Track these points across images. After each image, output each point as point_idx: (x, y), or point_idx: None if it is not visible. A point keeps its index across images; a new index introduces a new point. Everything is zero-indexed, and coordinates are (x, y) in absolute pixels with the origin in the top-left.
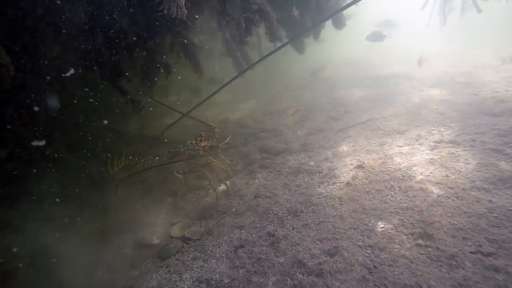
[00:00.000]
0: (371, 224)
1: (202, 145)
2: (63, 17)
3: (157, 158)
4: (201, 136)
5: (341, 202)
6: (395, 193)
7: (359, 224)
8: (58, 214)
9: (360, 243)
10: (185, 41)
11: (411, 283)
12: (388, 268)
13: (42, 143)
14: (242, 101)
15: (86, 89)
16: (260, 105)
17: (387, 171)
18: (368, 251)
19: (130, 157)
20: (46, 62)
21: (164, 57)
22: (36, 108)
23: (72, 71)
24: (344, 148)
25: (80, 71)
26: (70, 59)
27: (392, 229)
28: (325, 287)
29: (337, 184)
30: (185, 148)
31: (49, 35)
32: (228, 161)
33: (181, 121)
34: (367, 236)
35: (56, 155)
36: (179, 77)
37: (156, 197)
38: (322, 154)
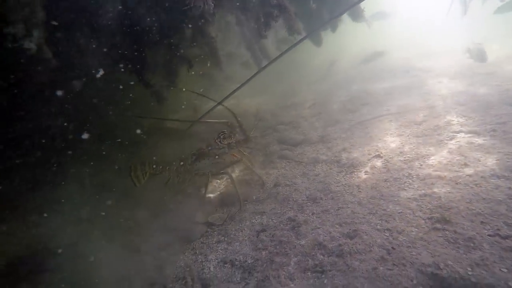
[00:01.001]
0: (389, 210)
1: (226, 142)
2: (95, 12)
3: (181, 163)
4: (224, 133)
5: (360, 190)
6: (412, 180)
7: (378, 210)
8: (93, 201)
9: (378, 226)
10: (206, 35)
11: (429, 263)
12: (406, 249)
13: (86, 136)
14: (258, 95)
15: (114, 84)
16: (277, 98)
17: (404, 160)
18: (386, 234)
19: (154, 166)
20: (82, 58)
21: (185, 51)
22: (72, 101)
23: (102, 72)
24: (362, 139)
25: (108, 66)
26: (99, 53)
27: (410, 214)
28: (345, 266)
29: (355, 173)
30: (209, 147)
31: (84, 31)
32: (250, 156)
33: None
34: (385, 221)
35: (89, 146)
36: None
37: (182, 188)
38: (340, 145)
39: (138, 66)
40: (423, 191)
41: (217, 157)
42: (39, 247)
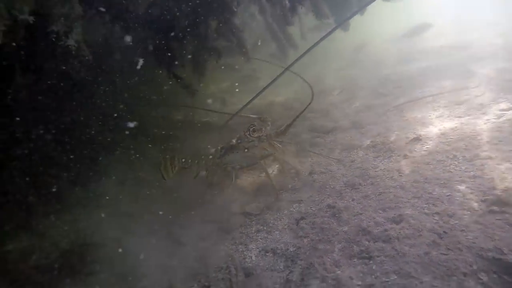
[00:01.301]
0: (435, 193)
1: (256, 135)
2: (128, 6)
3: (210, 157)
4: (254, 126)
5: (400, 174)
6: (459, 162)
7: (423, 193)
8: (133, 195)
9: (426, 210)
10: (231, 25)
11: (489, 247)
12: (460, 233)
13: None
14: (286, 84)
15: (144, 79)
16: (304, 86)
17: (447, 142)
18: (435, 218)
19: (183, 160)
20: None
21: (213, 42)
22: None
23: (142, 62)
24: (397, 122)
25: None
26: (132, 48)
27: (460, 197)
28: (394, 252)
29: (394, 157)
30: (239, 141)
31: (118, 26)
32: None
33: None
34: (433, 204)
35: (129, 141)
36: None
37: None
38: (374, 130)
39: (167, 59)
40: (472, 172)
41: (246, 150)
42: (86, 240)
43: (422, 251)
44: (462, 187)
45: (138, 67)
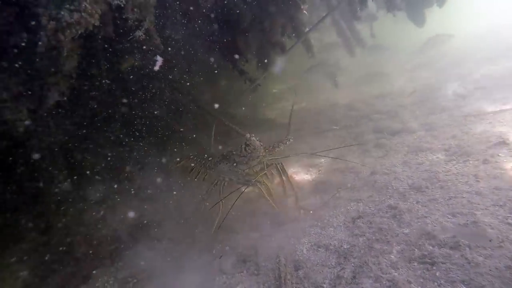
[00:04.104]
0: None
1: (249, 152)
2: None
3: (210, 158)
4: (251, 141)
5: (478, 179)
6: None
7: (506, 202)
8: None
9: (509, 220)
10: (297, 22)
11: None
12: None
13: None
14: (349, 86)
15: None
16: (371, 88)
17: None
18: None
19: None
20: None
21: (277, 37)
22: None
23: (160, 61)
24: (477, 125)
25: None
26: (196, 43)
27: None
28: (464, 260)
29: (471, 162)
30: (232, 153)
31: (179, 20)
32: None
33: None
34: None
35: (183, 133)
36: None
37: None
38: (448, 133)
39: (232, 53)
40: None
41: (235, 164)
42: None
43: (502, 264)
44: None
45: (156, 67)
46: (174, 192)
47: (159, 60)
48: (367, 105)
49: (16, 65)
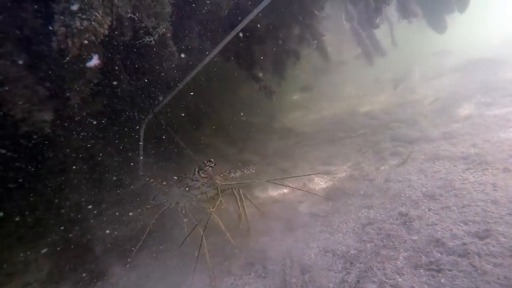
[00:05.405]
0: None
1: (202, 177)
2: (206, 9)
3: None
4: (205, 164)
5: (495, 188)
6: None
7: None
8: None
9: None
10: (313, 30)
11: None
12: None
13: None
14: (371, 95)
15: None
16: (392, 96)
17: None
18: None
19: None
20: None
21: (293, 45)
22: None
23: (95, 59)
24: (500, 133)
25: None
26: (209, 50)
27: None
28: (471, 268)
29: (490, 171)
30: (186, 175)
31: (194, 27)
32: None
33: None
34: None
35: (203, 139)
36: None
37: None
38: (469, 141)
39: (247, 61)
40: None
41: (187, 188)
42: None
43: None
44: None
45: (91, 64)
46: None
47: (95, 59)
48: (386, 114)
49: (44, 70)
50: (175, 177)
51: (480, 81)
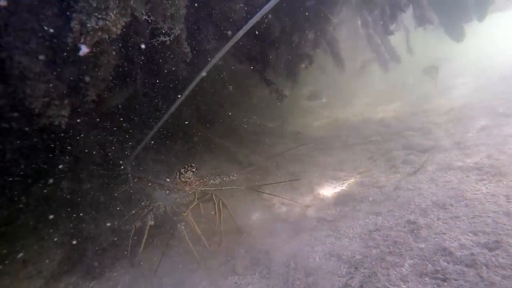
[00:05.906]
0: None
1: (182, 181)
2: (220, 13)
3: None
4: (186, 168)
5: (509, 200)
6: None
7: None
8: None
9: None
10: (328, 35)
11: None
12: None
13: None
14: (386, 103)
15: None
16: (406, 105)
17: None
18: None
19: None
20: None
21: (307, 49)
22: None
23: (84, 48)
24: None
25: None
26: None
27: None
28: (478, 278)
29: (504, 182)
30: (167, 179)
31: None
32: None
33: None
34: None
35: (214, 139)
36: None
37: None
38: (484, 152)
39: (260, 65)
40: None
41: (167, 192)
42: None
43: None
44: None
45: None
46: None
47: (83, 48)
48: (400, 122)
49: (62, 67)
50: (160, 180)
51: (499, 92)
